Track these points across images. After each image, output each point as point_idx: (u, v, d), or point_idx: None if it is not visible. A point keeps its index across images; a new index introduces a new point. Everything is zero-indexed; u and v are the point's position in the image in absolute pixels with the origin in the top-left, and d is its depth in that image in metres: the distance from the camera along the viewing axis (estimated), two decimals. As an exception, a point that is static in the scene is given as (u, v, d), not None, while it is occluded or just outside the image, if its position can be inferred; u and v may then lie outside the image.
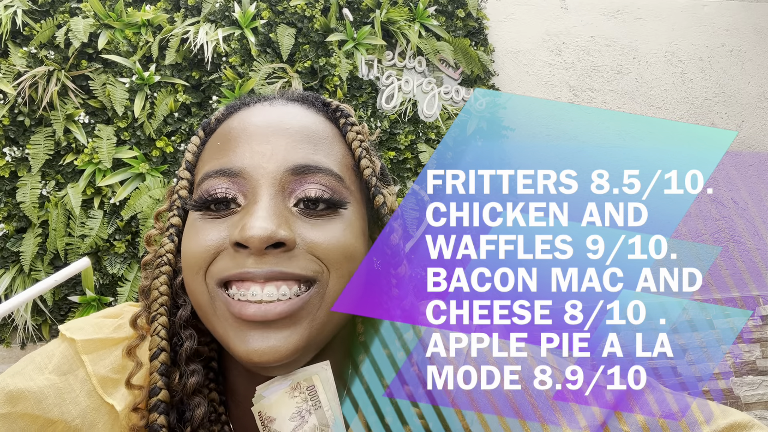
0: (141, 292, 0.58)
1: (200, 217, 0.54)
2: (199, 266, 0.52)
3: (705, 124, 4.16)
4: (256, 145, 0.54)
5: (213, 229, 0.52)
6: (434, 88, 3.53)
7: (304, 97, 0.62)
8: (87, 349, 0.55)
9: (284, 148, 0.53)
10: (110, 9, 3.07)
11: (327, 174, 0.54)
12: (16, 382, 0.52)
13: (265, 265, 0.49)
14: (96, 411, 0.53)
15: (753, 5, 4.47)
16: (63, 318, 2.80)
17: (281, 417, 0.51)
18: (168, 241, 0.58)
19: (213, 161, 0.55)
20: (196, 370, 0.54)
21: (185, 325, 0.56)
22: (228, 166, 0.53)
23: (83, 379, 0.54)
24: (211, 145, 0.58)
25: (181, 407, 0.54)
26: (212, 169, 0.54)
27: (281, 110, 0.58)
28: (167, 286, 0.56)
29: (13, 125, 2.86)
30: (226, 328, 0.51)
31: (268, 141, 0.54)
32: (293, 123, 0.56)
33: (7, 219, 2.81)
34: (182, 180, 0.59)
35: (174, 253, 0.58)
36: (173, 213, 0.59)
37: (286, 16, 3.28)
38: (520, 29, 4.03)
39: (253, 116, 0.57)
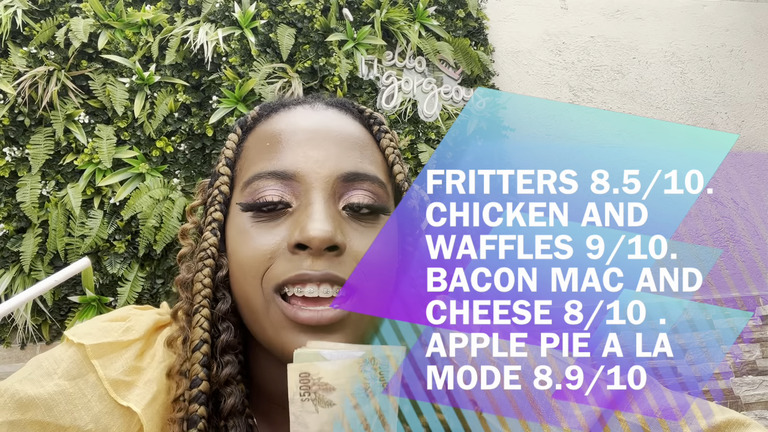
0: (180, 284, 0.59)
1: (251, 219, 0.55)
2: (256, 271, 0.53)
3: (705, 123, 4.16)
4: (309, 150, 0.56)
5: (267, 234, 0.54)
6: (434, 88, 3.52)
7: (341, 102, 0.64)
8: (97, 353, 0.55)
9: (336, 155, 0.56)
10: (110, 9, 3.07)
11: (373, 181, 0.56)
12: (25, 388, 0.52)
13: (321, 267, 0.51)
14: (109, 415, 0.52)
15: (753, 5, 4.47)
16: (63, 318, 2.80)
17: (343, 388, 0.46)
18: (211, 235, 0.58)
19: (263, 162, 0.57)
20: (230, 361, 0.55)
21: (223, 318, 0.57)
22: (281, 169, 0.55)
23: (94, 384, 0.53)
24: (256, 145, 0.60)
25: (216, 398, 0.54)
26: (263, 170, 0.56)
27: (324, 115, 0.60)
28: (210, 279, 0.57)
29: (13, 125, 2.86)
30: (278, 330, 0.52)
31: (320, 146, 0.56)
32: (340, 130, 0.59)
33: (7, 219, 2.81)
34: (222, 176, 0.60)
35: (217, 247, 0.58)
36: (215, 208, 0.59)
37: (286, 16, 3.28)
38: (520, 29, 4.03)
39: (300, 120, 0.59)
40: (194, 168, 3.03)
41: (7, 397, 0.51)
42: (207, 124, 3.01)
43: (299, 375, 0.45)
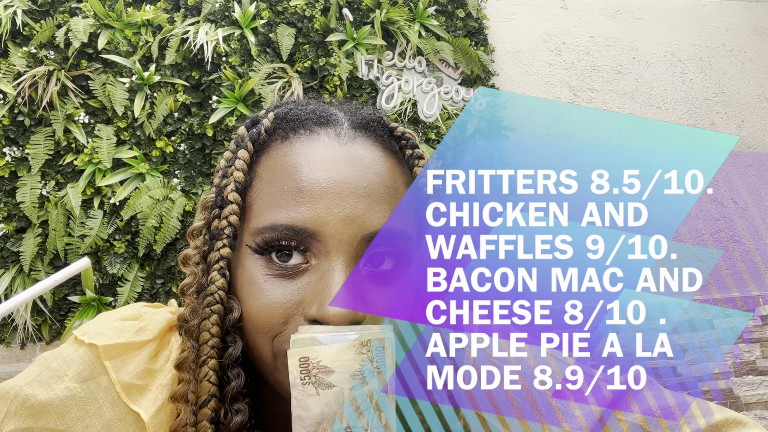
0: (186, 331, 0.54)
1: (263, 268, 0.51)
2: (268, 329, 0.50)
3: (705, 123, 4.16)
4: (333, 206, 0.50)
5: (281, 291, 0.50)
6: (434, 88, 3.52)
7: (370, 126, 0.57)
8: (109, 354, 0.52)
9: (362, 212, 0.50)
10: (110, 9, 3.07)
11: (400, 237, 0.52)
12: (36, 392, 0.50)
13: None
14: (121, 422, 0.51)
15: (753, 5, 4.47)
16: (63, 318, 2.80)
17: (342, 371, 0.46)
18: (219, 276, 0.52)
19: (279, 210, 0.51)
20: (240, 410, 0.51)
21: (233, 365, 0.52)
22: (301, 225, 0.49)
23: (106, 388, 0.51)
24: (272, 180, 0.53)
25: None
26: (279, 223, 0.50)
27: (352, 153, 0.53)
28: (218, 327, 0.51)
29: (13, 125, 2.86)
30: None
31: (345, 201, 0.50)
32: (369, 176, 0.52)
33: (7, 219, 2.81)
34: (231, 204, 0.53)
35: (225, 289, 0.52)
36: (223, 243, 0.53)
37: (286, 16, 3.28)
38: (520, 29, 4.03)
39: (324, 159, 0.52)
40: (194, 168, 3.03)
41: (18, 403, 0.50)
42: (207, 124, 3.01)
43: (299, 360, 0.46)
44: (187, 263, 0.57)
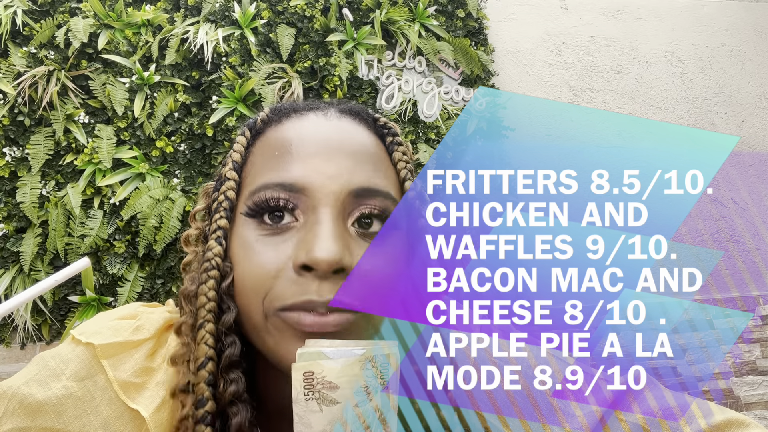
0: (184, 296, 0.56)
1: (255, 231, 0.53)
2: (259, 289, 0.51)
3: (705, 123, 4.16)
4: (320, 163, 0.53)
5: (272, 250, 0.51)
6: (434, 88, 3.52)
7: (356, 111, 0.61)
8: (106, 353, 0.53)
9: (348, 169, 0.53)
10: (110, 9, 3.07)
11: (385, 197, 0.54)
12: (33, 391, 0.50)
13: (327, 291, 0.49)
14: (119, 419, 0.51)
15: (753, 5, 4.47)
16: (63, 318, 2.80)
17: (347, 387, 0.45)
18: (215, 244, 0.55)
19: (271, 172, 0.54)
20: (235, 379, 0.52)
21: (228, 332, 0.54)
22: (290, 181, 0.52)
23: (103, 387, 0.52)
24: (265, 152, 0.57)
25: (222, 416, 0.52)
26: (271, 181, 0.53)
27: (338, 125, 0.58)
28: (215, 292, 0.54)
29: (13, 125, 2.86)
30: (278, 341, 0.50)
31: (331, 159, 0.54)
32: (354, 142, 0.56)
33: (7, 219, 2.81)
34: (229, 180, 0.57)
35: (222, 256, 0.55)
36: (220, 215, 0.56)
37: (286, 16, 3.28)
38: (520, 29, 4.03)
39: (312, 129, 0.57)
40: (194, 168, 3.03)
41: (15, 403, 0.50)
42: (207, 124, 3.01)
43: (303, 374, 0.45)
44: (189, 243, 0.60)
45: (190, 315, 0.55)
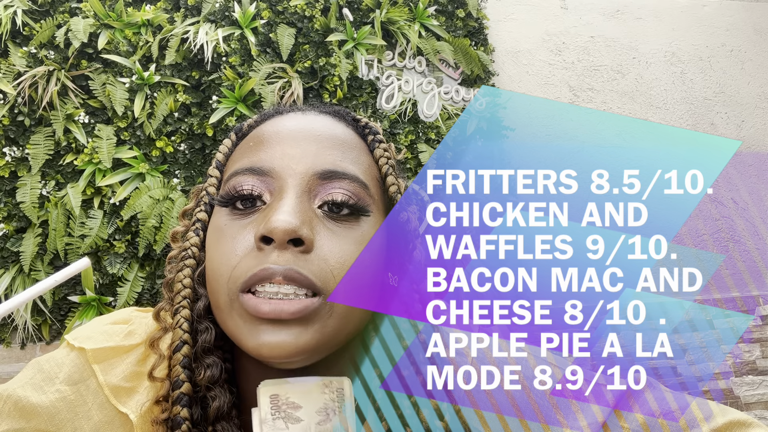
0: (165, 285, 0.59)
1: (227, 217, 0.54)
2: (224, 269, 0.51)
3: (705, 123, 4.16)
4: (287, 148, 0.55)
5: (239, 231, 0.52)
6: (434, 88, 3.52)
7: (336, 110, 0.63)
8: (98, 358, 0.54)
9: (314, 152, 0.54)
10: (110, 9, 3.07)
11: (353, 181, 0.54)
12: (28, 394, 0.52)
13: (285, 262, 0.49)
14: (109, 425, 0.52)
15: (753, 5, 4.47)
16: (63, 318, 2.80)
17: (309, 406, 0.49)
18: (193, 235, 0.58)
19: (243, 160, 0.56)
20: (212, 364, 0.54)
21: (201, 318, 0.56)
22: (258, 165, 0.54)
23: (95, 391, 0.53)
24: (243, 146, 0.59)
25: (203, 402, 0.54)
26: (241, 167, 0.55)
27: (313, 118, 0.60)
28: (190, 279, 0.56)
29: (13, 125, 2.86)
30: (239, 324, 0.50)
31: (298, 144, 0.55)
32: (323, 130, 0.57)
33: (7, 219, 2.81)
34: (211, 178, 0.60)
35: (199, 246, 0.58)
36: (200, 209, 0.59)
37: (286, 16, 3.28)
38: (520, 29, 4.03)
39: (286, 122, 0.59)
40: (194, 168, 3.03)
41: (10, 404, 0.51)
42: (207, 124, 3.01)
43: (269, 397, 0.49)
44: (176, 239, 0.62)
45: (168, 301, 0.57)
